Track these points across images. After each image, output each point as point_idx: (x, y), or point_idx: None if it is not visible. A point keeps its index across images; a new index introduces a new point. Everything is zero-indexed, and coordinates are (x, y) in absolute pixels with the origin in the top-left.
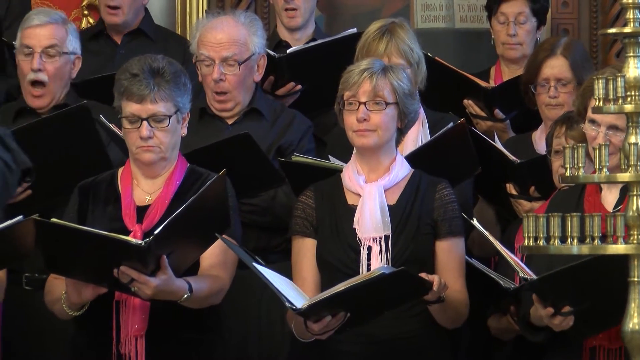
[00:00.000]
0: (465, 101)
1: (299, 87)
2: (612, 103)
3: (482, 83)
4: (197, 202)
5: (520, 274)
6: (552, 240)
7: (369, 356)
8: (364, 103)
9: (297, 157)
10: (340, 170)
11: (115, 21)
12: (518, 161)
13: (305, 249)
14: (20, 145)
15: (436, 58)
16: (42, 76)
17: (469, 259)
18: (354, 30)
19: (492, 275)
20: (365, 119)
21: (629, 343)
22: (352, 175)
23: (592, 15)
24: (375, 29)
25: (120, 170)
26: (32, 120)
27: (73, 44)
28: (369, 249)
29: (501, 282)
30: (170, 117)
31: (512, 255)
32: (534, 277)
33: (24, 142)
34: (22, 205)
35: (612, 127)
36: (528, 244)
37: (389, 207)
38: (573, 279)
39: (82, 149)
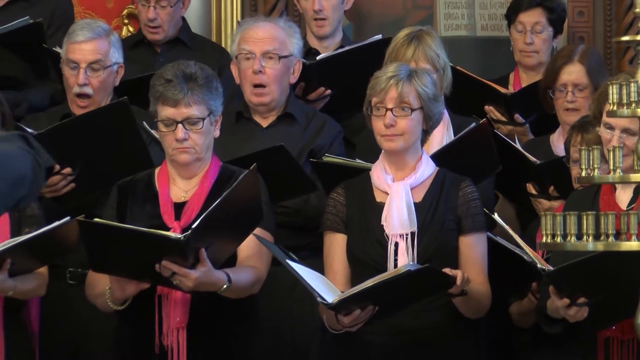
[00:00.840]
0: (487, 107)
1: (328, 91)
2: (625, 107)
3: (502, 89)
4: (231, 196)
5: (539, 266)
6: (569, 238)
7: (395, 346)
8: (391, 109)
9: (328, 158)
10: (369, 169)
11: (156, 39)
12: (538, 162)
13: (336, 244)
14: (64, 141)
15: (458, 67)
16: (88, 90)
17: (494, 237)
18: (379, 36)
19: (516, 252)
20: (392, 125)
21: None
22: (380, 174)
23: (607, 23)
24: (404, 36)
25: (157, 170)
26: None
27: (116, 55)
28: (396, 244)
29: (525, 257)
30: (203, 119)
31: (532, 249)
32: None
33: (67, 138)
34: (65, 199)
35: (626, 131)
36: (546, 240)
37: (415, 204)
38: (588, 271)
39: (123, 144)
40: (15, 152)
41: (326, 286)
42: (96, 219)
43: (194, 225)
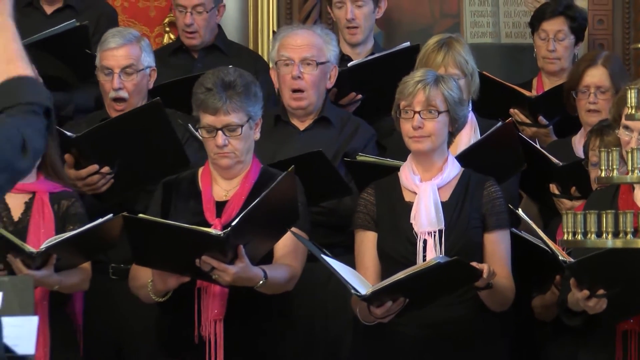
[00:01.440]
0: (511, 110)
1: (360, 96)
2: None
3: (527, 92)
4: (269, 196)
5: (561, 258)
6: (589, 235)
7: (424, 338)
8: (419, 112)
9: (362, 157)
10: (399, 168)
11: (193, 44)
12: (560, 164)
13: (367, 241)
14: (102, 142)
15: (484, 72)
16: (123, 93)
17: (518, 232)
18: (408, 43)
19: (540, 245)
20: (420, 127)
21: None
22: (409, 174)
23: (625, 31)
24: (434, 42)
25: (200, 170)
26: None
27: (147, 59)
28: (425, 242)
29: (548, 250)
30: (242, 126)
31: (554, 243)
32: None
33: (104, 139)
34: (105, 197)
35: None
36: (567, 238)
37: (442, 203)
38: (607, 263)
39: (158, 142)
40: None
41: (359, 280)
42: (141, 215)
43: (233, 223)
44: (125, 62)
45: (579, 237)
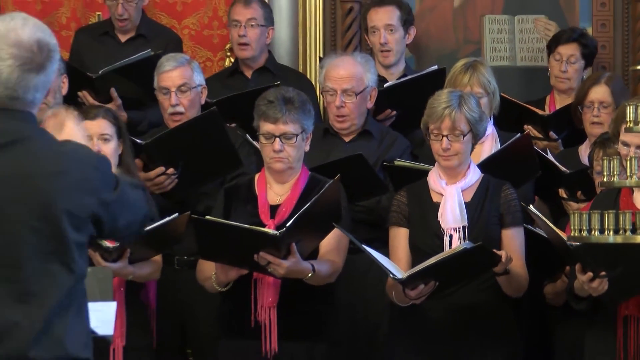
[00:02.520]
0: (525, 126)
1: (394, 112)
2: None
3: (539, 111)
4: (317, 202)
5: (568, 243)
6: (593, 232)
7: (451, 319)
8: (446, 135)
9: (399, 162)
10: (427, 174)
11: (245, 55)
12: (567, 171)
13: (400, 236)
14: (167, 147)
15: (502, 94)
16: (179, 108)
17: (532, 228)
18: (435, 67)
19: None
20: (448, 148)
21: None
22: (436, 179)
23: (624, 55)
24: (461, 65)
25: (256, 177)
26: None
27: (198, 78)
28: (450, 237)
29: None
30: (297, 135)
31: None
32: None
33: (169, 145)
34: (170, 194)
35: None
36: (574, 234)
37: (465, 204)
38: (608, 248)
39: (215, 146)
40: (140, 199)
41: (395, 267)
42: (207, 217)
43: (288, 224)
44: (179, 82)
45: (585, 233)
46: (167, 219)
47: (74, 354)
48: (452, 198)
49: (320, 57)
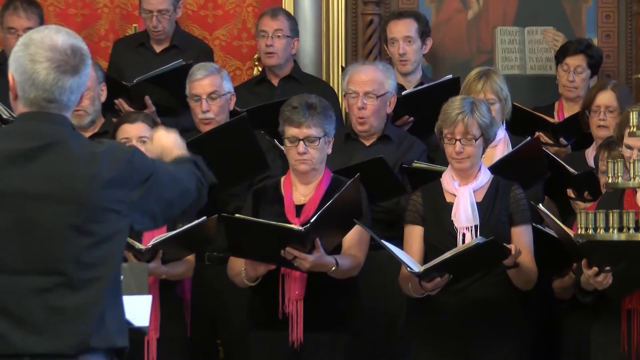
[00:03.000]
0: (537, 133)
1: (412, 118)
2: None
3: (550, 119)
4: (339, 199)
5: (574, 236)
6: (599, 230)
7: (464, 309)
8: (459, 139)
9: (417, 164)
10: (441, 175)
11: (272, 63)
12: (575, 173)
13: (415, 234)
14: (198, 151)
15: (515, 103)
16: (209, 115)
17: (541, 227)
18: (450, 76)
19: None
20: (461, 151)
21: None
22: (449, 180)
23: (628, 64)
24: (475, 73)
25: (282, 179)
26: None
27: (227, 86)
28: (464, 235)
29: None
30: (320, 138)
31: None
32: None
33: (200, 148)
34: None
35: None
36: (581, 232)
37: (477, 204)
38: (612, 245)
39: (244, 150)
40: (185, 172)
41: (412, 261)
42: (237, 215)
43: (312, 220)
44: (209, 89)
45: (590, 231)
46: (196, 221)
47: (119, 343)
48: (464, 199)
49: (342, 67)
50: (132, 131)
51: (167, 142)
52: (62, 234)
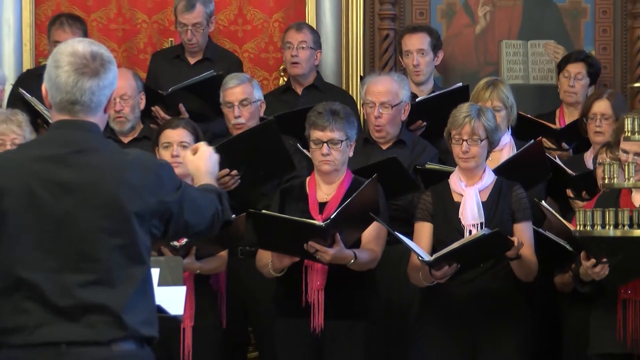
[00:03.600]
0: (540, 138)
1: (424, 123)
2: (637, 134)
3: (552, 125)
4: (357, 198)
5: (573, 231)
6: (596, 227)
7: (471, 298)
8: (466, 140)
9: (430, 165)
10: (449, 176)
11: (297, 72)
12: (574, 174)
13: (424, 230)
14: (230, 152)
15: (520, 112)
16: (241, 120)
17: (544, 232)
18: (460, 84)
19: (560, 242)
20: (467, 151)
21: None
22: (456, 181)
23: (623, 74)
24: (484, 82)
25: (307, 179)
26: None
27: (257, 94)
28: (470, 231)
29: (567, 246)
30: (342, 141)
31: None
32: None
33: (232, 150)
34: (234, 193)
35: (637, 154)
36: (579, 228)
37: (482, 203)
38: (608, 240)
39: (272, 152)
40: (207, 201)
41: (423, 252)
42: (264, 211)
43: (332, 216)
44: (241, 97)
45: (588, 227)
46: None
47: (146, 333)
48: (471, 198)
49: (361, 77)
50: (174, 136)
51: (204, 166)
52: (95, 234)
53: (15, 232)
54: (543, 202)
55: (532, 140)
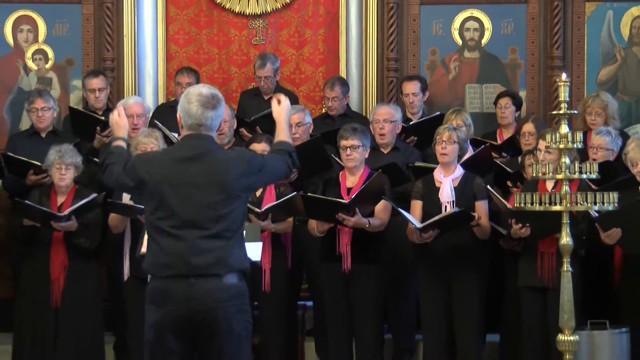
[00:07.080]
0: (488, 144)
1: (415, 138)
2: (553, 144)
3: (495, 142)
4: (368, 185)
5: (508, 206)
6: (527, 204)
7: (448, 252)
8: (445, 141)
9: (417, 164)
10: (433, 170)
11: (333, 114)
12: (511, 171)
13: (417, 205)
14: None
15: (474, 137)
16: (296, 136)
17: (494, 225)
18: (438, 113)
19: (498, 228)
20: (445, 148)
21: (562, 248)
22: (438, 173)
23: (545, 106)
24: (451, 110)
25: (340, 173)
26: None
27: (308, 119)
28: (445, 207)
29: (500, 229)
30: (359, 146)
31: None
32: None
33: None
34: (294, 184)
35: (547, 151)
36: (516, 205)
37: (454, 187)
38: (533, 213)
39: (317, 157)
40: (281, 162)
41: (416, 221)
42: (309, 194)
43: (352, 197)
44: (297, 120)
45: (521, 204)
46: (285, 197)
47: (243, 266)
48: (446, 184)
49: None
50: (258, 148)
51: (284, 114)
52: (210, 205)
53: (157, 199)
54: (489, 187)
55: (483, 146)
